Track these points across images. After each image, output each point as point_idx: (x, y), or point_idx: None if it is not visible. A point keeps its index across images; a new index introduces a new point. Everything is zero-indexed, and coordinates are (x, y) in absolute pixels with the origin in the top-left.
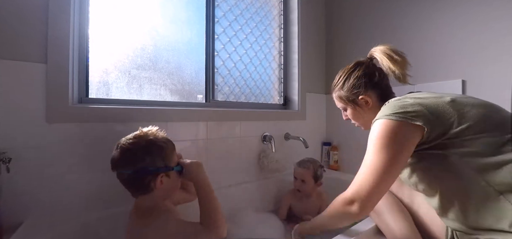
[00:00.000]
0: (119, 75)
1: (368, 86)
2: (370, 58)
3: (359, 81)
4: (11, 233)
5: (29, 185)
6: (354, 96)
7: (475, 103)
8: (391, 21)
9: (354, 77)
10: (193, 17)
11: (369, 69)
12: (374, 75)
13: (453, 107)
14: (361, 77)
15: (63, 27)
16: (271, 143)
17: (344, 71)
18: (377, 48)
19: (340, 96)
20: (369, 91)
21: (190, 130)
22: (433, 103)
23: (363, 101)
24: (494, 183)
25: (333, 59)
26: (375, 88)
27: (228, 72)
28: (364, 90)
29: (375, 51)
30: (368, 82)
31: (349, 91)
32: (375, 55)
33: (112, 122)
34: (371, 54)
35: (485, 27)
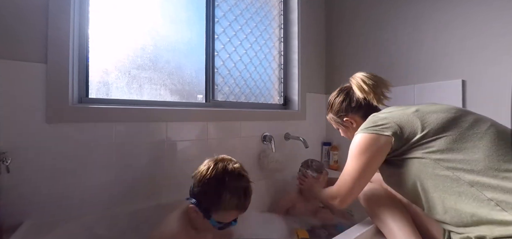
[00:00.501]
0: (119, 75)
1: (349, 110)
2: (350, 84)
3: (341, 106)
4: (11, 233)
5: (29, 186)
6: (340, 119)
7: (437, 110)
8: (391, 21)
9: (338, 103)
10: (193, 17)
11: (349, 95)
12: (352, 101)
13: (417, 116)
14: (342, 102)
15: (63, 27)
16: (271, 143)
17: (332, 96)
18: (354, 76)
19: (331, 119)
20: (351, 113)
21: (190, 130)
22: (400, 115)
23: (348, 122)
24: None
25: (333, 59)
26: (356, 110)
27: (228, 72)
28: (345, 114)
29: (351, 80)
30: (348, 106)
31: (336, 114)
32: (351, 82)
33: (112, 122)
34: (350, 81)
35: (485, 27)
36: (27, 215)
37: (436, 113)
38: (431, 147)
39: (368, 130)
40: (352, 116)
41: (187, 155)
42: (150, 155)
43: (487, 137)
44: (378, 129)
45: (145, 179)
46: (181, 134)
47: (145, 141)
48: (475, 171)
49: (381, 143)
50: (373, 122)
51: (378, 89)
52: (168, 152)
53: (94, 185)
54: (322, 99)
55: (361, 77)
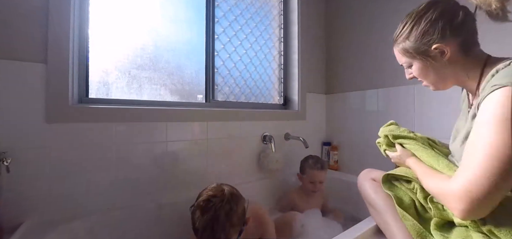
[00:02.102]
0: (119, 75)
1: (447, 31)
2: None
3: (434, 25)
4: (11, 233)
5: (29, 185)
6: (425, 46)
7: None
8: (391, 21)
9: (427, 21)
10: (193, 17)
11: (449, 8)
12: (456, 15)
13: None
14: (437, 20)
15: (63, 27)
16: (271, 143)
17: (412, 16)
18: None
19: (405, 49)
20: (448, 37)
21: (190, 130)
22: None
23: (438, 51)
24: None
25: (333, 59)
26: (457, 33)
27: (228, 72)
28: (440, 37)
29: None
30: (446, 25)
31: (419, 40)
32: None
33: (112, 122)
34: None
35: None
36: (27, 215)
37: None
38: None
39: None
40: (449, 41)
41: (187, 155)
42: (150, 155)
43: None
44: None
45: (145, 179)
46: (181, 134)
47: (145, 141)
48: None
49: None
50: None
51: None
52: (168, 152)
53: (94, 185)
54: (322, 99)
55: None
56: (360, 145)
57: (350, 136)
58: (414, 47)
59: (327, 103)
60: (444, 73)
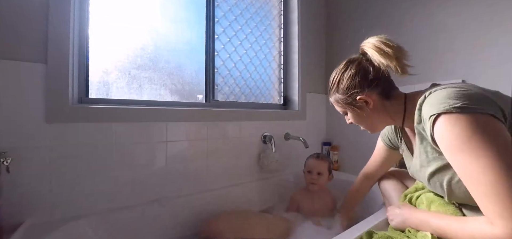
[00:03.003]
0: (119, 75)
1: (365, 84)
2: (363, 53)
3: (354, 80)
4: (11, 233)
5: (29, 185)
6: (351, 98)
7: (499, 94)
8: (391, 21)
9: (349, 77)
10: (193, 17)
11: (362, 66)
12: (369, 72)
13: (497, 96)
14: (355, 76)
15: (63, 27)
16: (271, 143)
17: (336, 72)
18: (367, 42)
19: (336, 100)
20: (367, 89)
21: (190, 130)
22: (492, 93)
23: (362, 102)
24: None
25: (333, 59)
26: (374, 85)
27: (228, 72)
28: (360, 90)
29: (364, 45)
30: (363, 79)
31: (345, 93)
32: (365, 50)
33: (112, 122)
34: (362, 49)
35: (485, 27)
36: (27, 215)
37: (502, 98)
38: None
39: (475, 109)
40: (369, 93)
41: (187, 155)
42: (150, 155)
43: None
44: (487, 108)
45: (145, 179)
46: (181, 134)
47: (145, 141)
48: None
49: (499, 124)
50: (472, 97)
51: (402, 55)
52: (168, 152)
53: (94, 185)
54: (322, 99)
55: (378, 40)
56: (360, 145)
57: (350, 136)
58: (343, 99)
59: (327, 103)
60: (372, 119)
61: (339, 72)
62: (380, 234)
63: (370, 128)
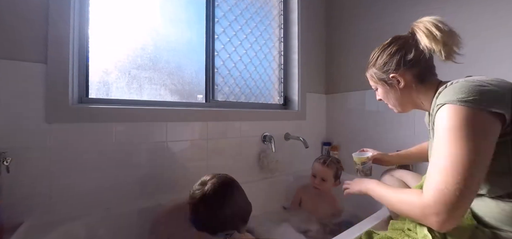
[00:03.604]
0: (119, 75)
1: (402, 64)
2: (412, 33)
3: (392, 58)
4: (11, 233)
5: (29, 185)
6: (384, 75)
7: None
8: (391, 21)
9: (387, 54)
10: (193, 17)
11: (406, 45)
12: (409, 52)
13: None
14: (395, 54)
15: (63, 27)
16: (271, 143)
17: (380, 47)
18: (420, 21)
19: (371, 75)
20: (403, 69)
21: (190, 130)
22: (504, 87)
23: (395, 80)
24: None
25: (333, 59)
26: (411, 66)
27: (228, 72)
28: (395, 68)
29: (416, 24)
30: (401, 59)
31: (380, 68)
32: (415, 30)
33: (112, 122)
34: (413, 28)
35: (485, 27)
36: (27, 215)
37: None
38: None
39: (475, 103)
40: (402, 72)
41: (187, 155)
42: (150, 155)
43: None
44: (490, 104)
45: (145, 179)
46: (181, 134)
47: (145, 141)
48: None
49: (495, 126)
50: (479, 92)
51: (452, 39)
52: (168, 152)
53: (94, 185)
54: (322, 99)
55: (431, 21)
56: (360, 145)
57: (350, 136)
58: (377, 74)
59: (327, 103)
60: (401, 99)
61: (381, 47)
62: (380, 234)
63: (395, 107)
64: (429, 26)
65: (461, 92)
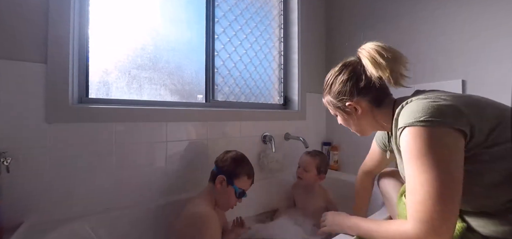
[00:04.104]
0: (119, 75)
1: (355, 92)
2: (359, 58)
3: (345, 86)
4: (11, 233)
5: (29, 185)
6: (341, 104)
7: (487, 103)
8: (391, 21)
9: (340, 82)
10: (193, 17)
11: (356, 72)
12: (360, 79)
13: (482, 106)
14: (347, 82)
15: (63, 27)
16: (271, 143)
17: (331, 74)
18: (363, 48)
19: (328, 102)
20: (357, 97)
21: (190, 130)
22: (465, 103)
23: (352, 108)
24: None
25: (333, 59)
26: (364, 93)
27: (228, 72)
28: (349, 97)
29: (360, 52)
30: (354, 87)
31: (336, 97)
32: (360, 57)
33: (112, 122)
34: (358, 54)
35: (485, 27)
36: (27, 215)
37: (489, 108)
38: (492, 151)
39: (437, 122)
40: (358, 100)
41: (187, 155)
42: (150, 155)
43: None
44: (451, 121)
45: (145, 179)
46: (181, 134)
47: (145, 141)
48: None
49: (459, 142)
50: (438, 110)
51: (396, 65)
52: (168, 152)
53: (94, 185)
54: (322, 99)
55: (374, 48)
56: (360, 145)
57: (350, 136)
58: (333, 103)
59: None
60: (361, 124)
61: (333, 75)
62: None
63: (358, 132)
64: (373, 54)
65: (418, 112)
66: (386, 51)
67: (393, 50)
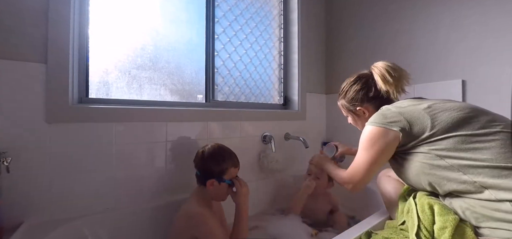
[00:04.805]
0: (119, 75)
1: (365, 100)
2: (371, 73)
3: (357, 94)
4: (11, 233)
5: (29, 185)
6: (352, 107)
7: (451, 107)
8: (391, 21)
9: (353, 91)
10: (193, 17)
11: (367, 84)
12: (370, 90)
13: (428, 113)
14: (359, 91)
15: (63, 27)
16: (271, 143)
17: (347, 83)
18: (376, 66)
19: (342, 105)
20: (366, 103)
21: (190, 130)
22: (411, 111)
23: (361, 111)
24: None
25: (333, 59)
26: (372, 101)
27: (228, 72)
28: (360, 103)
29: (373, 68)
30: (365, 96)
31: (349, 102)
32: (373, 73)
33: (112, 122)
34: (371, 70)
35: (485, 27)
36: (27, 215)
37: (448, 111)
38: (438, 145)
39: (377, 123)
40: (366, 106)
41: (187, 155)
42: (150, 155)
43: (498, 139)
44: (387, 124)
45: (145, 179)
46: (181, 134)
47: (145, 141)
48: (479, 169)
49: (390, 138)
50: (383, 116)
51: (400, 82)
52: (168, 152)
53: (94, 185)
54: (322, 99)
55: (385, 68)
56: None
57: (350, 136)
58: (347, 106)
59: (327, 103)
60: None
61: (349, 84)
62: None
63: None
64: (384, 72)
65: (376, 115)
66: (394, 71)
67: (399, 70)
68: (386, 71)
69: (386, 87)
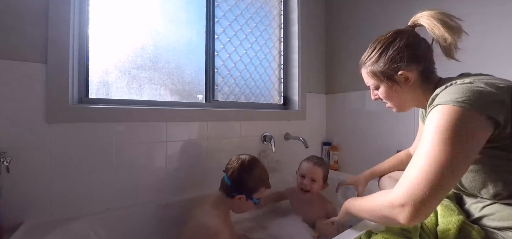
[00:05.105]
0: (119, 75)
1: (411, 59)
2: (413, 26)
3: (401, 53)
4: (11, 233)
5: (29, 185)
6: (392, 71)
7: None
8: (390, 21)
9: (394, 49)
10: (193, 17)
11: (414, 39)
12: (419, 46)
13: None
14: (403, 49)
15: (63, 27)
16: (271, 143)
17: (380, 42)
18: (424, 14)
19: (374, 72)
20: (412, 65)
21: (190, 130)
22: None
23: (403, 77)
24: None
25: (333, 59)
26: (419, 61)
27: (228, 72)
28: (405, 64)
29: (421, 17)
30: (411, 54)
31: (387, 65)
32: (421, 22)
33: (112, 122)
34: (416, 21)
35: (485, 27)
36: (27, 215)
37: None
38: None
39: (474, 106)
40: (412, 69)
41: (187, 155)
42: (150, 155)
43: None
44: (488, 105)
45: (145, 179)
46: (181, 134)
47: (145, 141)
48: None
49: (486, 130)
50: (479, 93)
51: (457, 35)
52: (168, 152)
53: (94, 185)
54: (322, 99)
55: (440, 11)
56: (360, 145)
57: (350, 136)
58: (382, 71)
59: (327, 103)
60: (406, 97)
61: (383, 42)
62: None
63: (398, 106)
64: (441, 16)
65: (456, 93)
66: (454, 18)
67: (457, 19)
68: (444, 15)
69: (449, 35)
